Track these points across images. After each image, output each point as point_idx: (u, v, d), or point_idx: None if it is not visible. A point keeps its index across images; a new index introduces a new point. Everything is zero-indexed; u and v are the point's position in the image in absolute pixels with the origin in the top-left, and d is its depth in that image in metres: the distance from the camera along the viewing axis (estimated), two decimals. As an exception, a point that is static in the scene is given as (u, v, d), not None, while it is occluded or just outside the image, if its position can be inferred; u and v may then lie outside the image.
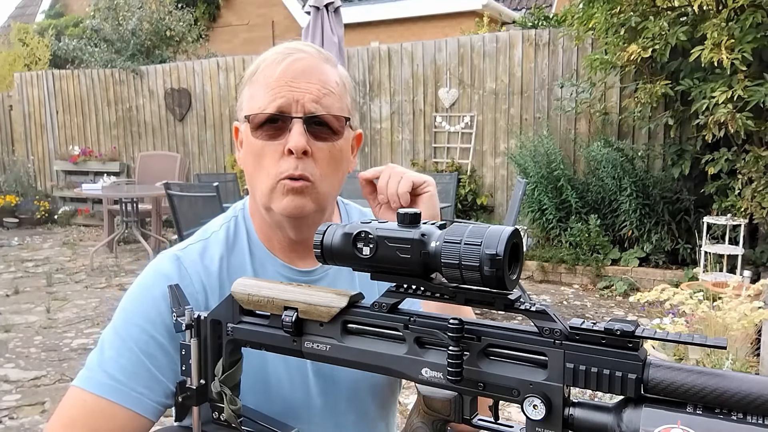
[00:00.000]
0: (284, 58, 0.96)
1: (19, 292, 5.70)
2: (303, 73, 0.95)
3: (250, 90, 0.99)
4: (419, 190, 1.01)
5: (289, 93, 0.94)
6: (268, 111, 0.94)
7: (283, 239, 1.03)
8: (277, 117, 0.94)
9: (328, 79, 0.98)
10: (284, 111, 0.94)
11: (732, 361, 2.97)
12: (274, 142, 0.95)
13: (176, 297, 0.91)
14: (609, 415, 0.60)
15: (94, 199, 9.16)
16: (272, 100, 0.94)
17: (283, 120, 0.94)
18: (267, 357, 0.99)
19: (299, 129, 0.93)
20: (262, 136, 0.96)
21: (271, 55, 0.98)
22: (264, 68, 0.97)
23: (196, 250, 1.02)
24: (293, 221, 0.97)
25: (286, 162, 0.94)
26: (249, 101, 0.98)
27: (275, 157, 0.95)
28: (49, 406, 3.35)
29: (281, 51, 0.98)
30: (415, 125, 7.21)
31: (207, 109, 8.72)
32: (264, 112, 0.95)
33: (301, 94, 0.94)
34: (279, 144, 0.95)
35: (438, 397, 0.71)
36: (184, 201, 4.73)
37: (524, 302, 0.65)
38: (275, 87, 0.94)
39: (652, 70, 5.26)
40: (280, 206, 0.95)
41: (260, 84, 0.97)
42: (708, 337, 0.57)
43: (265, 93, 0.95)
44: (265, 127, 0.96)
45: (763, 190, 4.54)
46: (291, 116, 0.94)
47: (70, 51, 10.21)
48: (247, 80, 1.00)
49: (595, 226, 5.66)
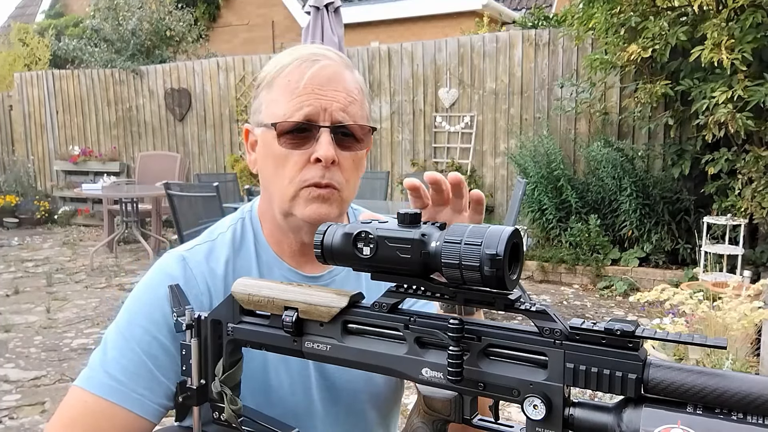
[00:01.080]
0: (311, 64, 0.94)
1: (19, 292, 5.70)
2: (329, 81, 0.94)
3: (271, 94, 0.96)
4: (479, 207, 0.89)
5: (317, 101, 0.92)
6: (296, 119, 0.92)
7: (294, 243, 1.02)
8: (304, 126, 0.93)
9: (352, 87, 0.96)
10: (312, 120, 0.93)
11: (732, 361, 2.97)
12: (299, 150, 0.94)
13: (177, 297, 0.91)
14: (609, 415, 0.60)
15: (94, 199, 9.17)
16: (299, 107, 0.92)
17: (311, 129, 0.93)
18: (269, 363, 0.99)
19: (327, 139, 0.92)
20: (286, 143, 0.94)
21: (294, 59, 0.95)
22: (287, 73, 0.95)
23: (202, 251, 1.01)
24: (313, 227, 0.96)
25: (312, 170, 0.93)
26: (270, 106, 0.96)
27: (299, 165, 0.94)
28: (49, 406, 3.35)
29: (305, 55, 0.95)
30: (415, 125, 7.21)
31: (207, 109, 8.72)
32: (291, 120, 0.93)
33: (328, 103, 0.93)
34: (304, 152, 0.93)
35: (438, 397, 0.71)
36: (184, 201, 4.73)
37: (524, 302, 0.65)
38: (302, 94, 0.92)
39: (652, 70, 5.26)
40: (304, 213, 0.94)
41: (283, 89, 0.94)
42: (708, 337, 0.57)
43: (290, 99, 0.93)
44: (291, 134, 0.94)
45: (763, 190, 4.54)
46: (319, 125, 0.93)
47: (70, 51, 10.21)
48: (266, 83, 0.97)
49: (595, 226, 5.66)
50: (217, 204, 4.50)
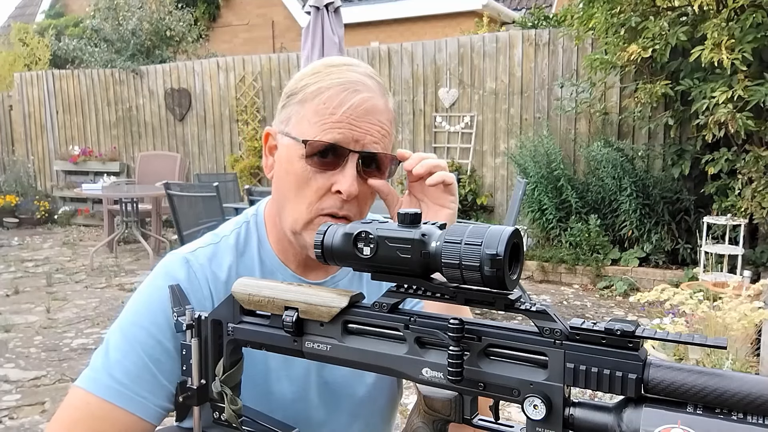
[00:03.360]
0: (351, 95, 0.92)
1: (19, 292, 5.70)
2: (367, 113, 0.93)
3: (303, 110, 0.94)
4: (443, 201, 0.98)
5: (350, 132, 0.91)
6: (326, 140, 0.91)
7: (300, 254, 1.01)
8: (334, 149, 0.91)
9: (387, 119, 0.96)
10: (341, 145, 0.91)
11: (732, 361, 2.97)
12: (323, 174, 0.93)
13: (177, 297, 0.91)
14: (609, 415, 0.60)
15: (94, 199, 9.17)
16: (329, 132, 0.91)
17: (339, 153, 0.92)
18: (270, 369, 0.99)
19: (352, 171, 0.92)
20: (313, 164, 0.92)
21: (335, 83, 0.93)
22: (326, 97, 0.92)
23: (205, 254, 1.01)
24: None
25: (331, 199, 0.93)
26: (301, 122, 0.94)
27: (320, 192, 0.93)
28: (49, 406, 3.35)
29: (347, 82, 0.93)
30: (415, 125, 7.21)
31: (207, 109, 8.72)
32: (321, 140, 0.91)
33: (361, 135, 0.92)
34: (328, 177, 0.92)
35: (438, 397, 0.71)
36: (184, 201, 4.74)
37: (524, 302, 0.65)
38: (336, 121, 0.91)
39: (652, 70, 5.26)
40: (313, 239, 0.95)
41: (317, 110, 0.93)
42: (708, 337, 0.57)
43: (322, 123, 0.92)
44: (317, 156, 0.92)
45: (763, 190, 4.54)
46: (348, 149, 0.91)
47: (70, 51, 10.21)
48: (301, 97, 0.95)
49: (595, 226, 5.66)
50: (217, 204, 4.50)
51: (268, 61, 8.26)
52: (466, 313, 0.94)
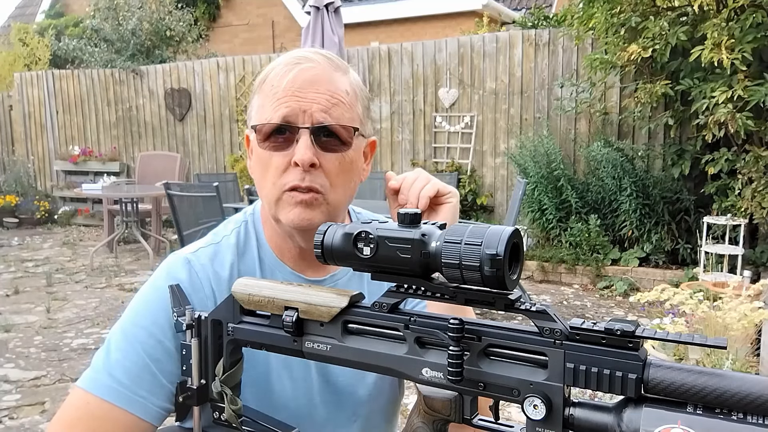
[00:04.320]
0: (292, 67, 0.94)
1: (19, 292, 5.70)
2: (311, 83, 0.93)
3: (259, 99, 0.97)
4: (443, 200, 0.99)
5: (296, 103, 0.92)
6: (274, 121, 0.93)
7: (293, 248, 1.02)
8: (283, 127, 0.93)
9: (338, 89, 0.95)
10: (290, 121, 0.92)
11: (732, 361, 2.97)
12: (280, 153, 0.94)
13: (177, 297, 0.91)
14: (609, 415, 0.60)
15: (94, 199, 9.16)
16: (277, 109, 0.93)
17: (290, 131, 0.93)
18: (272, 369, 0.99)
19: (306, 141, 0.92)
20: (268, 146, 0.94)
21: (280, 64, 0.96)
22: (272, 78, 0.95)
23: (206, 254, 1.01)
24: (302, 233, 0.97)
25: (292, 173, 0.93)
26: (257, 111, 0.97)
27: (281, 168, 0.94)
28: (49, 406, 3.35)
29: (290, 60, 0.96)
30: (415, 125, 7.21)
31: (207, 109, 8.72)
32: (270, 122, 0.93)
33: (308, 105, 0.92)
34: (286, 155, 0.93)
35: (438, 397, 0.71)
36: (184, 201, 4.73)
37: (524, 302, 0.66)
38: (282, 97, 0.93)
39: (652, 70, 5.26)
40: (287, 218, 0.94)
41: (268, 94, 0.95)
42: (708, 337, 0.57)
43: (271, 103, 0.93)
44: (271, 138, 0.94)
45: (763, 190, 4.54)
46: (298, 127, 0.92)
47: (70, 51, 10.21)
48: (257, 89, 0.98)
49: (595, 226, 5.66)
50: (217, 204, 4.50)
51: (268, 61, 8.21)
52: (469, 313, 0.94)
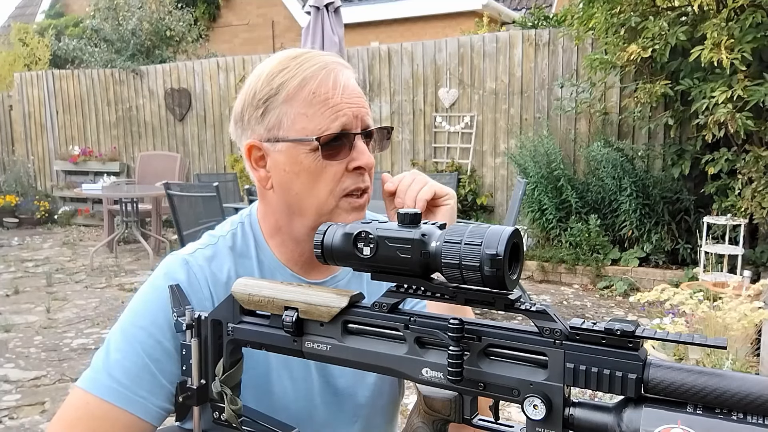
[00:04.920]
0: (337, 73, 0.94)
1: (19, 292, 5.70)
2: (352, 88, 0.95)
3: (295, 108, 0.93)
4: (440, 202, 0.99)
5: (349, 109, 0.93)
6: (333, 130, 0.92)
7: (307, 253, 1.01)
8: (341, 135, 0.93)
9: (362, 91, 0.99)
10: (348, 128, 0.93)
11: (732, 361, 2.97)
12: (336, 161, 0.93)
13: (177, 297, 0.91)
14: (609, 415, 0.60)
15: (94, 199, 9.16)
16: (334, 118, 0.92)
17: (347, 137, 0.93)
18: (271, 369, 0.99)
19: (364, 146, 0.95)
20: (323, 156, 0.93)
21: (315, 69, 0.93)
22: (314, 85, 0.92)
23: (204, 255, 1.01)
24: None
25: (350, 178, 0.94)
26: (298, 120, 0.93)
27: (338, 175, 0.94)
28: (49, 406, 3.35)
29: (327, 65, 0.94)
30: (415, 125, 7.21)
31: (207, 109, 8.72)
32: (329, 132, 0.92)
33: (357, 110, 0.94)
34: (342, 162, 0.94)
35: (438, 397, 0.71)
36: (184, 201, 4.73)
37: (524, 302, 0.66)
38: (334, 105, 0.92)
39: (652, 70, 5.26)
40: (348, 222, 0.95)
41: (310, 102, 0.92)
42: (708, 337, 0.57)
43: (323, 111, 0.92)
44: (329, 146, 0.93)
45: (763, 190, 4.54)
46: (353, 133, 0.94)
47: (70, 51, 10.21)
48: (285, 97, 0.93)
49: (595, 226, 5.66)
50: (217, 204, 4.50)
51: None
52: (468, 313, 0.94)
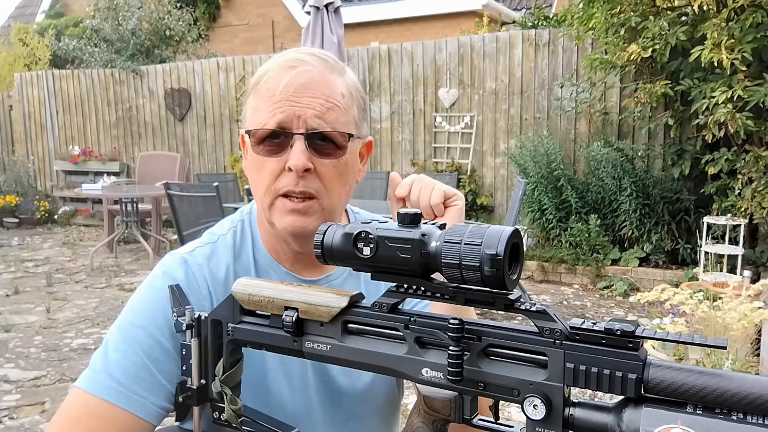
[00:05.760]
0: (288, 71, 0.93)
1: (19, 292, 5.70)
2: (306, 87, 0.92)
3: (254, 101, 0.96)
4: (449, 203, 1.00)
5: (290, 108, 0.91)
6: (269, 126, 0.92)
7: (288, 251, 1.02)
8: (278, 133, 0.92)
9: (333, 92, 0.94)
10: (285, 127, 0.92)
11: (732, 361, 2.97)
12: (274, 158, 0.93)
13: (177, 297, 0.91)
14: (609, 415, 0.60)
15: (94, 199, 9.16)
16: (273, 115, 0.92)
17: (285, 136, 0.92)
18: (268, 367, 0.99)
19: (300, 146, 0.91)
20: (263, 151, 0.94)
21: (275, 65, 0.95)
22: (266, 80, 0.94)
23: (203, 254, 1.01)
24: (297, 238, 0.97)
25: (286, 178, 0.93)
26: (252, 113, 0.96)
27: (275, 172, 0.93)
28: (49, 406, 3.35)
29: (285, 62, 0.95)
30: (415, 125, 7.21)
31: (207, 109, 8.72)
32: (264, 127, 0.92)
33: (302, 110, 0.92)
34: (280, 160, 0.93)
35: (438, 397, 0.71)
36: (184, 201, 4.73)
37: (524, 302, 0.65)
38: (277, 102, 0.92)
39: (652, 70, 5.26)
40: (282, 224, 0.95)
41: (263, 96, 0.94)
42: (708, 337, 0.57)
43: (266, 107, 0.93)
44: (266, 142, 0.93)
45: (763, 190, 4.54)
46: (292, 132, 0.92)
47: (70, 51, 10.21)
48: (251, 89, 0.97)
49: (595, 226, 5.66)
50: (217, 204, 4.50)
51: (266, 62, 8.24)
52: (470, 313, 0.94)
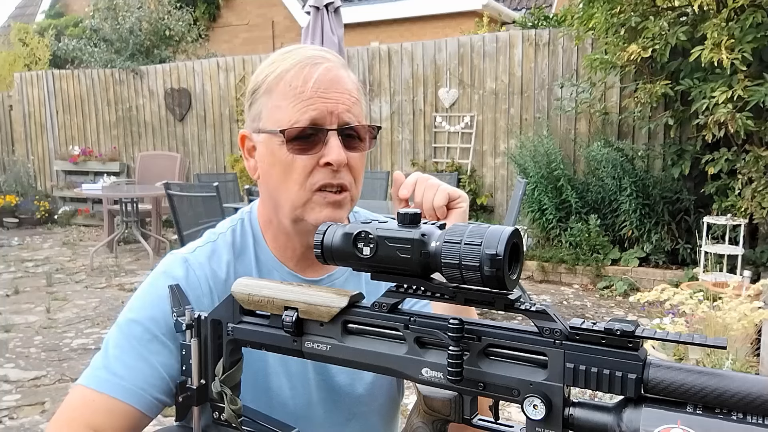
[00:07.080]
0: (314, 67, 0.93)
1: (19, 292, 5.70)
2: (332, 83, 0.93)
3: (272, 100, 0.95)
4: (453, 205, 0.99)
5: (323, 105, 0.92)
6: (302, 124, 0.92)
7: (299, 248, 1.02)
8: (311, 129, 0.92)
9: (352, 87, 0.96)
10: (318, 123, 0.92)
11: (732, 361, 2.97)
12: (306, 155, 0.93)
13: (177, 297, 0.91)
14: (609, 415, 0.60)
15: (94, 199, 9.16)
16: (304, 112, 0.92)
17: (318, 133, 0.93)
18: (269, 365, 0.99)
19: (336, 142, 0.92)
20: (294, 149, 0.93)
21: (294, 62, 0.94)
22: (289, 78, 0.93)
23: (204, 253, 1.02)
24: None
25: (321, 173, 0.93)
26: (274, 112, 0.94)
27: (308, 169, 0.93)
28: (49, 406, 3.35)
29: (305, 59, 0.94)
30: (415, 125, 7.21)
31: (207, 109, 8.72)
32: (298, 125, 0.92)
33: (334, 105, 0.93)
34: (313, 156, 0.93)
35: (438, 397, 0.71)
36: (184, 201, 4.73)
37: (524, 302, 0.65)
38: (307, 98, 0.92)
39: (652, 70, 5.26)
40: (317, 218, 0.94)
41: (286, 94, 0.93)
42: (708, 337, 0.57)
43: (294, 104, 0.92)
44: (298, 140, 0.93)
45: (763, 190, 4.54)
46: (327, 128, 0.93)
47: (70, 51, 10.21)
48: (265, 89, 0.96)
49: (595, 226, 5.66)
50: (217, 204, 4.50)
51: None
52: (472, 314, 0.94)
